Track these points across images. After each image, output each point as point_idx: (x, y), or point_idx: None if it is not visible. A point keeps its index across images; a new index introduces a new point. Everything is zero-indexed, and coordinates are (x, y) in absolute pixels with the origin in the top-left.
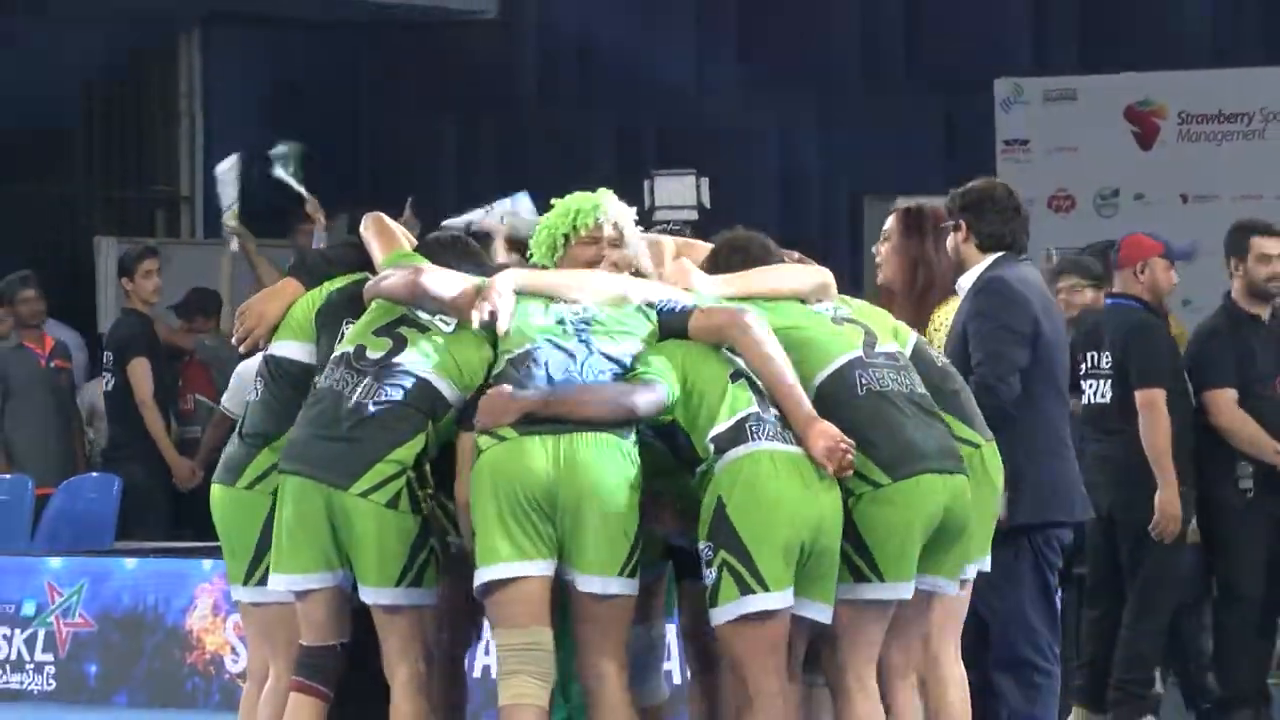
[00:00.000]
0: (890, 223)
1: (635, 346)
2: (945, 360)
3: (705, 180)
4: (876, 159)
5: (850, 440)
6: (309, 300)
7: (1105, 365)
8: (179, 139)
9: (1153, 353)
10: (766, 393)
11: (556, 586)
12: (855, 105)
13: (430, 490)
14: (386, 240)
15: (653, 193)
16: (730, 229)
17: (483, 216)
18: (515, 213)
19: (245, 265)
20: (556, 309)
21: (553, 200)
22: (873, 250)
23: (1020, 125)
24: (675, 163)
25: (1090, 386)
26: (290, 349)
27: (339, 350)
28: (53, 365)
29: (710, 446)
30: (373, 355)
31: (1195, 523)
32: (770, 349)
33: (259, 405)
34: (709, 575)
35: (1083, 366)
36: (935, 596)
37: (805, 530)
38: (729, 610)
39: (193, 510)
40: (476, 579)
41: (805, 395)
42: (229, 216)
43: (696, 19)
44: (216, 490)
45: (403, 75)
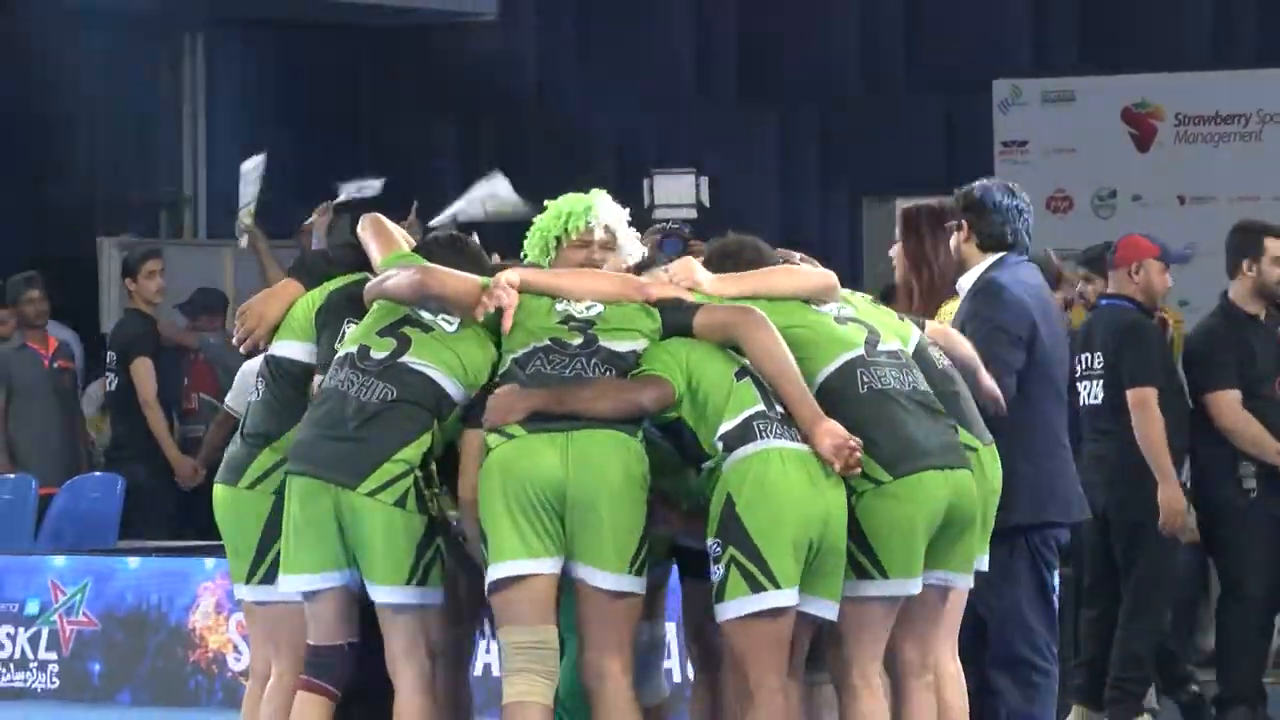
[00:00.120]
0: (898, 223)
1: (640, 344)
2: (947, 362)
3: (705, 179)
4: (875, 159)
5: (857, 439)
6: (309, 300)
7: (1098, 366)
8: (182, 140)
9: (1143, 352)
10: (771, 390)
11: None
12: (855, 106)
13: (437, 490)
14: (385, 241)
15: (652, 191)
16: (730, 230)
17: (465, 207)
18: (494, 194)
19: (248, 265)
20: (561, 307)
21: (546, 202)
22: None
23: (1018, 126)
24: (675, 163)
25: (1085, 388)
26: (291, 349)
27: (343, 351)
28: (56, 365)
29: (718, 445)
30: (377, 355)
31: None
32: (775, 346)
33: (260, 405)
34: (716, 572)
35: (1078, 368)
36: (950, 591)
37: (813, 528)
38: (737, 607)
39: (195, 509)
40: (487, 576)
41: (810, 393)
42: (245, 214)
43: (697, 20)
44: (219, 490)
45: (403, 76)
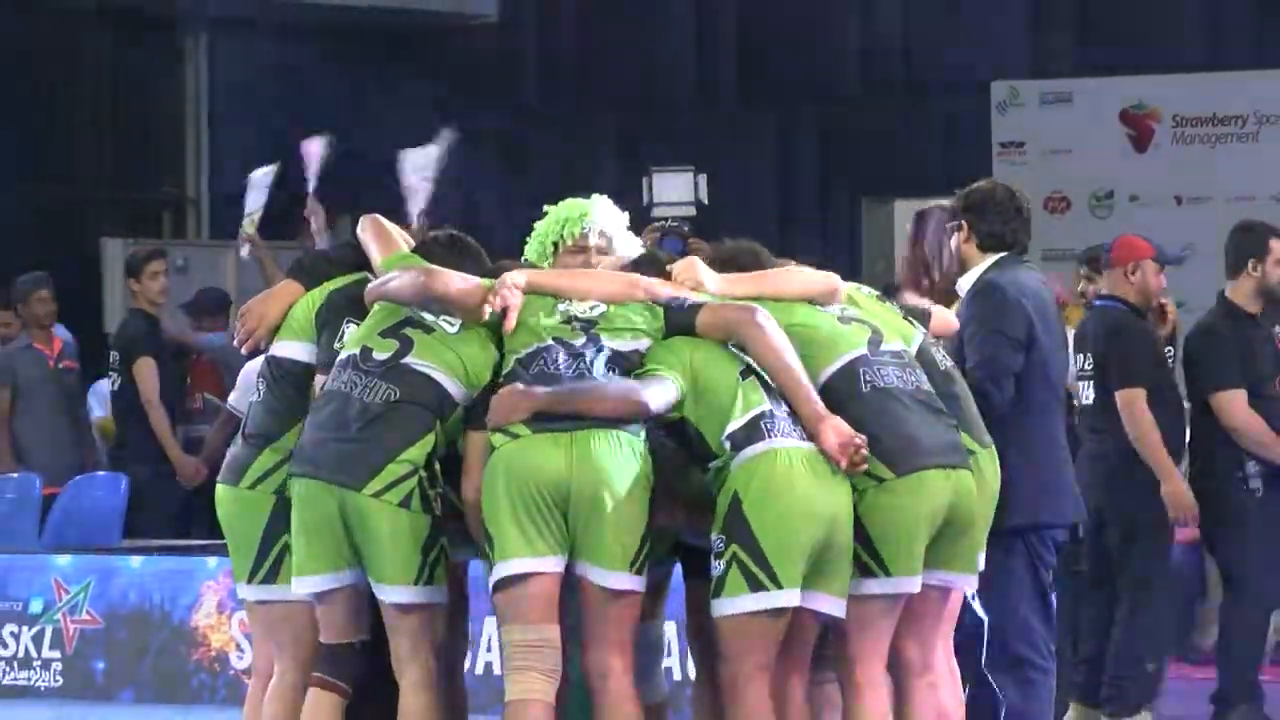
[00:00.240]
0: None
1: (643, 343)
2: (950, 364)
3: (704, 176)
4: (874, 160)
5: (862, 436)
6: (309, 301)
7: (1089, 367)
8: (185, 142)
9: (1130, 353)
10: (776, 389)
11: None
12: (853, 107)
13: (441, 490)
14: (385, 242)
15: (651, 189)
16: (729, 229)
17: (411, 179)
18: (422, 163)
19: (251, 266)
20: (565, 307)
21: (546, 207)
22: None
23: (1016, 128)
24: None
25: (1081, 388)
26: (292, 349)
27: (345, 352)
28: (61, 366)
29: (726, 444)
30: (379, 356)
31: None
32: (779, 345)
33: (261, 406)
34: (717, 567)
35: (1074, 369)
36: (951, 592)
37: (821, 527)
38: (734, 604)
39: (198, 509)
40: (490, 575)
41: (814, 391)
42: (247, 223)
43: (697, 21)
44: (221, 490)
45: (405, 78)
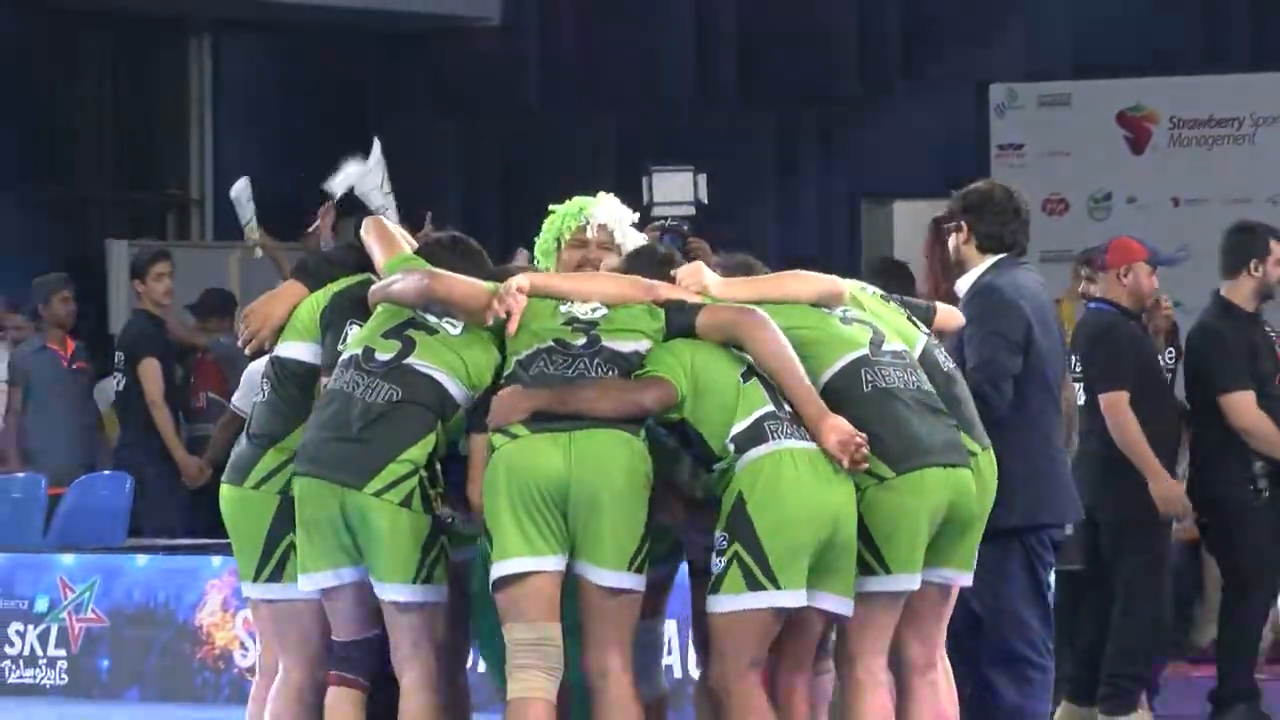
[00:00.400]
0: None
1: (643, 344)
2: (952, 366)
3: (703, 176)
4: (873, 162)
5: (863, 434)
6: (313, 302)
7: (1077, 369)
8: (189, 143)
9: (1112, 355)
10: (777, 390)
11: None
12: (852, 108)
13: (442, 489)
14: (387, 244)
15: (651, 189)
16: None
17: (375, 198)
18: (362, 173)
19: (254, 267)
20: (566, 309)
21: (551, 206)
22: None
23: (1014, 130)
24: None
25: (1077, 389)
26: (296, 350)
27: (348, 353)
28: (74, 367)
29: (730, 446)
30: (382, 357)
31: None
32: (779, 346)
33: (265, 406)
34: (718, 564)
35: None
36: (952, 589)
37: (824, 526)
38: (730, 601)
39: (202, 508)
40: (490, 574)
41: (815, 391)
42: (250, 231)
43: (697, 22)
44: (225, 490)
45: (408, 80)
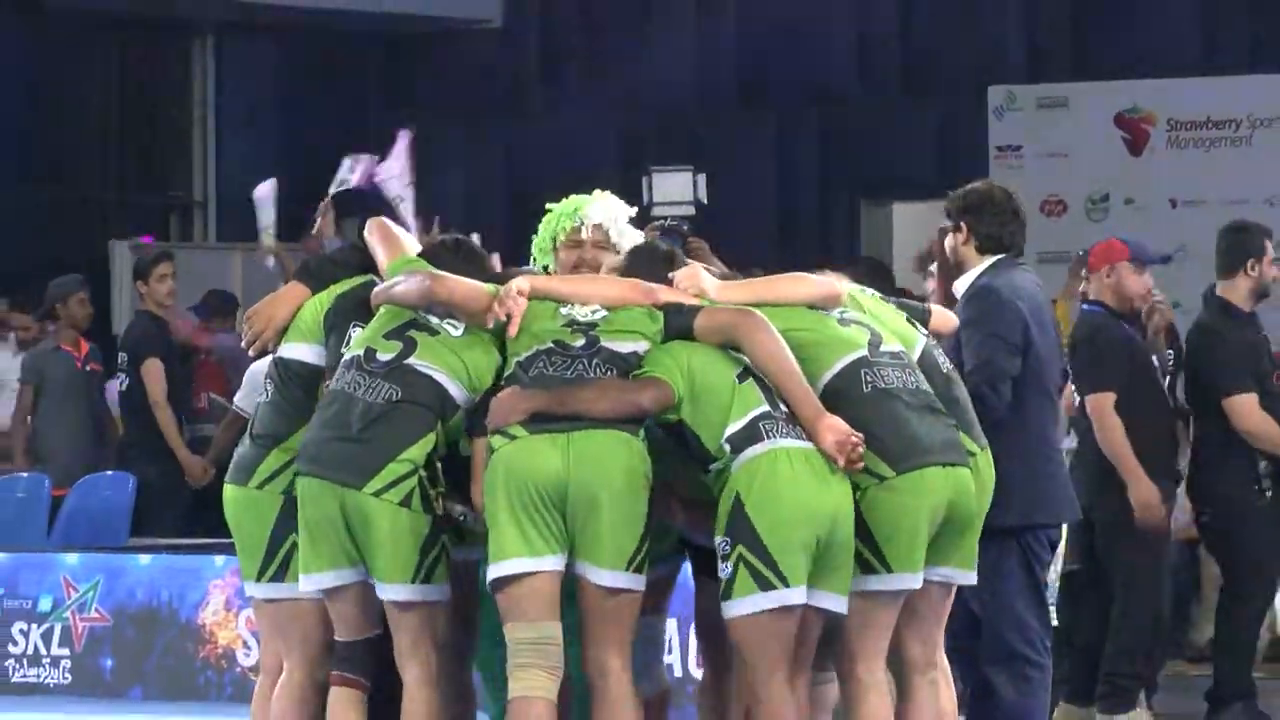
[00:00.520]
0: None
1: (642, 345)
2: (951, 367)
3: (703, 176)
4: (872, 163)
5: (859, 434)
6: (317, 303)
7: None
8: (192, 145)
9: (1097, 357)
10: (774, 390)
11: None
12: (852, 109)
13: (442, 489)
14: (391, 245)
15: (650, 189)
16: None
17: (394, 189)
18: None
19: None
20: (565, 311)
21: (548, 205)
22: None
23: (1013, 131)
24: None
25: (1073, 389)
26: (299, 351)
27: (349, 353)
28: (88, 369)
29: (725, 446)
30: (383, 357)
31: (1182, 519)
32: (776, 347)
33: (269, 407)
34: (725, 569)
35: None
36: (952, 588)
37: (822, 525)
38: (745, 604)
39: (205, 508)
40: (489, 574)
41: (812, 392)
42: (265, 236)
43: (696, 23)
44: (229, 490)
45: (410, 82)
